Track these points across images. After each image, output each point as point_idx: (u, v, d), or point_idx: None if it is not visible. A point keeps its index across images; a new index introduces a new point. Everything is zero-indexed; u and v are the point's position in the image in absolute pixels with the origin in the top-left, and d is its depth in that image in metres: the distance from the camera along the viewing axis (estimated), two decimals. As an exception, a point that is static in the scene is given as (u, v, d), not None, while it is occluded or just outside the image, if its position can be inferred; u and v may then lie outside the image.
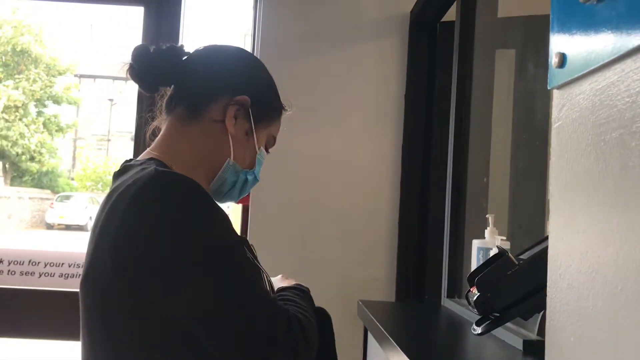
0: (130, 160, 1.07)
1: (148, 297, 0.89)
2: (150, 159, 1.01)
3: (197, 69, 1.09)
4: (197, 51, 1.12)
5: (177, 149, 1.04)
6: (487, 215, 1.65)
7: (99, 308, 0.94)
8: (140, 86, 1.09)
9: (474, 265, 1.59)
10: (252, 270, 0.96)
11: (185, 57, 1.10)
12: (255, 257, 1.10)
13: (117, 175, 1.04)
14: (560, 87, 0.64)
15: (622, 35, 0.51)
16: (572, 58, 0.61)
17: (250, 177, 1.10)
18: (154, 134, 1.13)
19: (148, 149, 1.07)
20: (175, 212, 0.89)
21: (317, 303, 1.15)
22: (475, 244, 1.65)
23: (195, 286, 0.88)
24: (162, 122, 1.11)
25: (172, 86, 1.10)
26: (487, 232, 1.62)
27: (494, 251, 1.43)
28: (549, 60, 0.65)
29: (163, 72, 1.07)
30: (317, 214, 2.25)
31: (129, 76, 1.08)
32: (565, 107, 0.63)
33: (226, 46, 1.16)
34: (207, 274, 0.88)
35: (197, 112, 1.06)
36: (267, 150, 1.16)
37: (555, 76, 0.64)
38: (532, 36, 2.09)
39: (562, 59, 0.62)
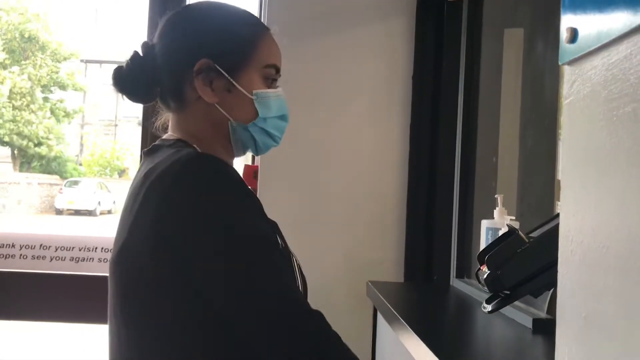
0: (162, 139, 1.08)
1: (187, 277, 0.90)
2: (178, 139, 1.03)
3: (159, 64, 1.06)
4: (154, 42, 1.09)
5: (187, 134, 1.05)
6: (496, 196, 1.65)
7: (133, 285, 0.95)
8: (135, 102, 1.10)
9: (482, 246, 1.59)
10: (282, 263, 0.96)
11: (150, 54, 1.07)
12: (284, 241, 1.09)
13: (147, 153, 1.05)
14: (572, 62, 0.63)
15: (635, 7, 0.51)
16: (584, 33, 0.60)
17: (261, 125, 1.05)
18: (165, 129, 1.14)
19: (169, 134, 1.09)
20: (217, 196, 0.91)
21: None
22: (484, 224, 1.65)
23: (231, 271, 0.89)
24: (168, 118, 1.12)
25: None
26: (496, 212, 1.62)
27: (503, 231, 1.43)
28: (560, 35, 0.65)
29: (142, 84, 1.06)
30: (324, 196, 2.25)
31: (124, 100, 1.09)
32: (577, 83, 0.62)
33: (171, 17, 1.11)
34: (242, 260, 0.89)
35: (182, 100, 1.05)
36: (273, 82, 1.08)
37: (566, 51, 0.63)
38: (540, 15, 2.06)
39: (574, 34, 0.61)
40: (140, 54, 1.07)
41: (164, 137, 1.08)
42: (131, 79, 1.05)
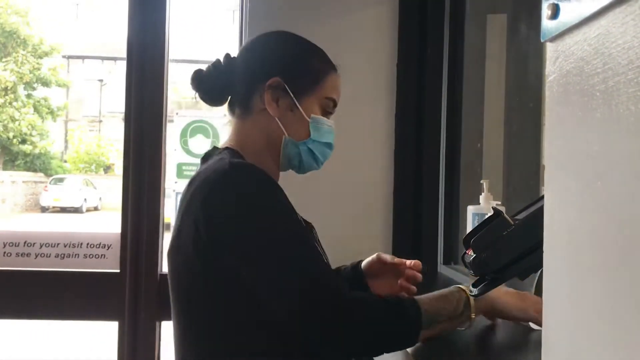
0: (214, 148, 1.24)
1: (222, 267, 1.03)
2: (226, 148, 1.17)
3: (237, 72, 1.22)
4: (235, 56, 1.25)
5: (242, 143, 1.20)
6: (481, 181, 1.65)
7: (182, 279, 1.11)
8: (206, 102, 1.25)
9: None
10: (315, 252, 1.07)
11: (230, 64, 1.23)
12: (318, 242, 1.28)
13: (202, 160, 1.21)
14: (554, 39, 0.63)
15: (616, -21, 0.50)
16: (565, 7, 0.59)
17: (310, 145, 1.19)
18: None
19: (226, 140, 1.25)
20: (247, 199, 1.04)
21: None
22: (471, 210, 1.65)
23: (263, 258, 1.02)
24: (230, 122, 1.27)
25: None
26: (482, 198, 1.62)
27: (489, 216, 1.43)
28: (542, 12, 0.64)
29: (217, 87, 1.23)
30: (310, 187, 2.23)
31: (198, 99, 1.27)
32: (560, 59, 0.61)
33: (257, 37, 1.27)
34: (276, 253, 1.02)
35: (248, 108, 1.20)
36: (329, 113, 1.23)
37: (548, 28, 0.63)
38: (523, 0, 2.06)
39: (555, 9, 0.61)
40: (222, 62, 1.23)
41: (217, 145, 1.23)
42: (207, 82, 1.22)
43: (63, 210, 15.80)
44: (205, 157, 1.21)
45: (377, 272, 1.43)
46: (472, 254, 0.98)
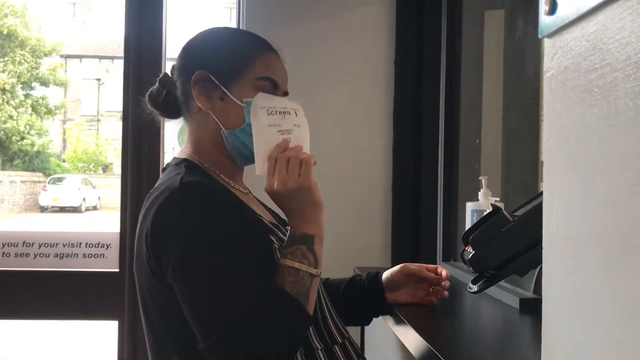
0: (173, 158, 1.21)
1: (166, 283, 1.04)
2: (184, 159, 1.16)
3: (174, 81, 1.20)
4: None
5: (197, 149, 1.18)
6: (480, 178, 1.65)
7: (142, 287, 1.12)
8: (167, 118, 1.25)
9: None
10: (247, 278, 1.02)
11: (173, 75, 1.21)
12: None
13: (163, 171, 1.20)
14: (551, 35, 0.62)
15: (614, -25, 0.50)
16: (563, 3, 0.59)
17: (250, 130, 1.11)
18: None
19: (183, 148, 1.23)
20: (187, 223, 1.02)
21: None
22: (469, 206, 1.65)
23: (189, 276, 1.01)
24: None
25: None
26: (480, 194, 1.62)
27: (488, 212, 1.42)
28: (539, 8, 0.64)
29: (172, 104, 1.21)
30: (310, 184, 2.23)
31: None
32: (557, 55, 0.61)
33: (184, 45, 1.23)
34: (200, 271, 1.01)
35: (188, 111, 1.18)
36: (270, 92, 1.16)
37: (546, 24, 0.62)
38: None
39: (553, 5, 0.60)
40: (169, 74, 1.22)
41: (175, 155, 1.21)
42: (159, 98, 1.21)
43: (62, 210, 15.77)
44: (165, 168, 1.20)
45: (399, 283, 1.37)
46: (471, 250, 0.98)
